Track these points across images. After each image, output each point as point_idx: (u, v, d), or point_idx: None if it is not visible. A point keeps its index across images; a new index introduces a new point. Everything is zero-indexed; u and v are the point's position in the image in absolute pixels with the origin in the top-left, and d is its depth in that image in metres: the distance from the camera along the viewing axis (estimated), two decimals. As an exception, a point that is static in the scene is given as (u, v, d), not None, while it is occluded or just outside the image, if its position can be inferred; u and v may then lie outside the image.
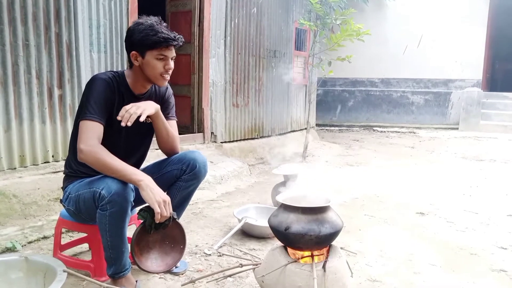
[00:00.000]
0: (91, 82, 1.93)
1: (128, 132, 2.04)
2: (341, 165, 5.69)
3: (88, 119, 1.85)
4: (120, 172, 1.79)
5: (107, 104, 1.93)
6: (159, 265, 2.06)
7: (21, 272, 1.78)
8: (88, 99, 1.88)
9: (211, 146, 5.17)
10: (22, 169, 3.14)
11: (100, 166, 1.81)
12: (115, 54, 3.82)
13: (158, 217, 1.81)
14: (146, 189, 1.79)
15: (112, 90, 1.96)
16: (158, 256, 2.07)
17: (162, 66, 1.97)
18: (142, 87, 2.07)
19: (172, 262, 2.10)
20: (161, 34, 1.91)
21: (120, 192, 1.77)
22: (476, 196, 4.09)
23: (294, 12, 6.91)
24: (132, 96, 2.04)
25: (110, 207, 1.77)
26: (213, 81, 5.16)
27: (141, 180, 1.80)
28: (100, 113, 1.89)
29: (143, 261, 2.00)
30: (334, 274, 1.74)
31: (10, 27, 2.99)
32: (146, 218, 1.91)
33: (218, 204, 3.68)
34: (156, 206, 1.79)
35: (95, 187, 1.81)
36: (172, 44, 1.95)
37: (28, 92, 3.15)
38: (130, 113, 1.85)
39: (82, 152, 1.81)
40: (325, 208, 1.81)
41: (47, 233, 2.70)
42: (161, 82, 2.02)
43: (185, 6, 5.14)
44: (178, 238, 2.10)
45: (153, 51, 1.93)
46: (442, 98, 10.28)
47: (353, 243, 2.76)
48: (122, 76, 2.03)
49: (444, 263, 2.48)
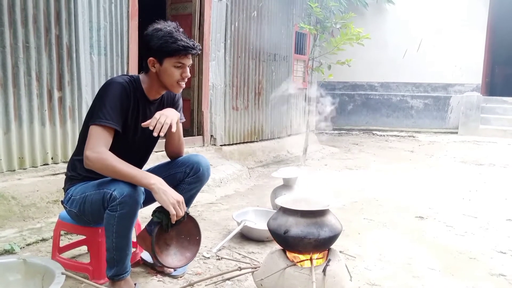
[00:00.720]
0: (108, 85, 1.92)
1: (140, 137, 2.06)
2: (340, 168, 5.69)
3: (100, 125, 1.84)
4: (131, 176, 1.80)
5: (123, 108, 1.93)
6: (179, 259, 2.09)
7: (19, 274, 1.78)
8: (103, 102, 1.87)
9: (211, 149, 5.17)
10: (21, 171, 3.14)
11: (110, 171, 1.81)
12: (115, 56, 3.82)
13: (174, 219, 1.84)
14: (159, 192, 1.80)
15: (128, 94, 1.95)
16: (177, 251, 2.10)
17: (180, 74, 1.96)
18: (156, 93, 2.07)
19: (191, 255, 2.12)
20: (180, 42, 1.90)
21: (131, 194, 1.78)
22: (475, 200, 4.09)
23: (294, 16, 6.93)
24: (147, 102, 2.05)
25: (120, 209, 1.77)
26: (213, 84, 5.17)
27: (153, 183, 1.81)
28: (116, 118, 1.88)
29: (164, 258, 2.03)
30: (333, 277, 1.74)
31: (10, 29, 3.00)
32: (161, 219, 1.93)
33: (217, 207, 3.68)
34: (171, 208, 1.81)
35: (105, 189, 1.82)
36: (191, 53, 1.95)
37: (28, 94, 3.15)
38: (161, 123, 1.86)
39: (88, 159, 1.81)
40: (324, 211, 1.81)
41: (46, 235, 2.69)
42: (177, 89, 2.02)
43: (185, 9, 5.16)
44: (193, 231, 2.12)
45: (171, 58, 1.93)
46: (442, 103, 10.30)
47: (352, 246, 2.76)
48: (137, 81, 2.02)
49: (443, 267, 2.48)
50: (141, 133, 2.04)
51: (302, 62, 7.41)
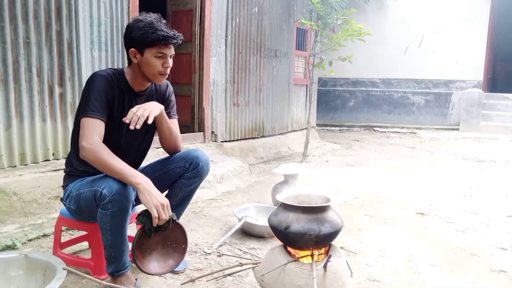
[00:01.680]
0: (91, 79, 1.93)
1: (128, 130, 2.04)
2: (341, 165, 5.69)
3: (89, 116, 1.84)
4: (119, 173, 1.78)
5: (108, 100, 1.92)
6: (161, 266, 2.03)
7: (21, 269, 1.78)
8: (88, 96, 1.88)
9: (212, 145, 5.17)
10: (22, 167, 3.14)
11: (100, 165, 1.80)
12: (116, 52, 3.82)
13: (156, 221, 1.79)
14: (144, 192, 1.77)
15: (112, 86, 1.95)
16: (161, 257, 2.03)
17: (161, 64, 1.95)
18: (141, 84, 2.06)
19: (175, 263, 2.07)
20: (160, 32, 1.89)
21: (121, 191, 1.76)
22: (476, 196, 4.09)
23: (296, 12, 6.91)
24: (132, 93, 2.04)
25: (111, 207, 1.76)
26: (214, 80, 5.16)
27: (139, 183, 1.77)
28: (101, 109, 1.88)
29: (145, 264, 1.97)
30: (334, 273, 1.74)
31: (11, 25, 2.99)
32: (145, 222, 1.87)
33: (218, 203, 3.68)
34: (154, 210, 1.76)
35: (96, 186, 1.81)
36: (171, 42, 1.93)
37: (28, 90, 3.15)
38: (138, 116, 1.84)
39: (84, 150, 1.80)
40: (325, 207, 1.81)
41: (47, 231, 2.70)
42: (158, 80, 2.00)
43: (186, 5, 5.14)
44: (180, 239, 2.07)
45: (152, 48, 1.92)
46: (443, 99, 10.28)
47: (353, 243, 2.76)
48: (121, 73, 2.02)
49: (444, 264, 2.48)
50: (127, 127, 1.99)
51: (303, 58, 7.40)
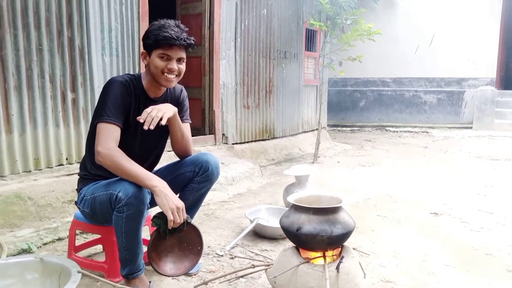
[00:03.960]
0: (108, 84, 1.94)
1: (143, 135, 2.06)
2: (353, 165, 5.66)
3: (106, 122, 1.87)
4: (136, 177, 1.80)
5: (124, 106, 1.94)
6: (177, 268, 2.05)
7: (37, 273, 1.80)
8: (105, 101, 1.90)
9: (223, 147, 5.19)
10: (37, 172, 3.19)
11: (117, 169, 1.82)
12: (127, 57, 3.86)
13: (171, 224, 1.81)
14: (160, 195, 1.78)
15: (129, 93, 1.97)
16: (177, 259, 2.06)
17: (165, 66, 1.95)
18: (156, 88, 2.06)
19: (190, 265, 2.09)
20: (165, 33, 1.89)
21: (136, 194, 1.78)
22: (491, 195, 4.03)
23: (304, 13, 6.90)
24: (148, 99, 2.05)
25: (126, 210, 1.78)
26: (224, 83, 5.18)
27: (156, 186, 1.79)
28: (117, 115, 1.90)
29: (161, 265, 1.99)
30: (347, 274, 1.74)
31: (24, 32, 3.04)
32: (160, 225, 1.90)
33: (230, 205, 3.69)
34: (170, 213, 1.78)
35: (111, 190, 1.83)
36: (174, 43, 1.92)
37: (42, 96, 3.19)
38: (152, 116, 1.85)
39: (100, 155, 1.82)
40: (337, 208, 1.80)
41: (62, 235, 2.73)
42: (163, 82, 1.99)
43: (195, 9, 5.17)
44: (195, 240, 2.09)
45: (157, 50, 1.93)
46: (455, 97, 10.16)
47: (366, 243, 2.75)
48: (138, 79, 2.04)
49: (458, 264, 2.45)
50: (142, 132, 2.03)
51: (313, 59, 7.38)
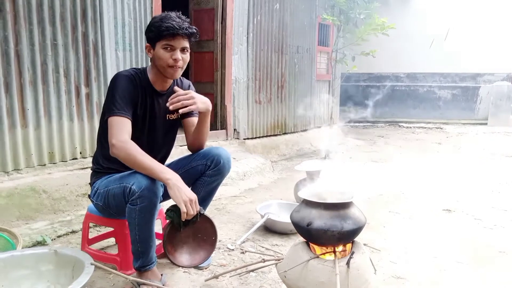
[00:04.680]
0: (115, 79, 1.96)
1: (150, 128, 2.08)
2: (365, 161, 5.62)
3: (117, 115, 1.88)
4: (149, 169, 1.81)
5: (132, 99, 1.96)
6: (193, 258, 2.10)
7: (51, 264, 1.84)
8: (113, 95, 1.91)
9: (234, 142, 5.20)
10: (51, 166, 3.24)
11: (131, 161, 1.83)
12: (140, 52, 3.88)
13: (184, 216, 1.83)
14: (173, 188, 1.80)
15: (135, 86, 1.98)
16: (192, 250, 2.11)
17: (170, 57, 1.94)
18: (163, 81, 2.07)
19: (206, 255, 2.14)
20: (166, 24, 1.89)
21: (150, 187, 1.80)
22: (505, 193, 3.98)
23: (317, 7, 6.85)
24: (155, 92, 2.06)
25: (140, 202, 1.80)
26: (236, 78, 5.18)
27: (169, 178, 1.80)
28: (127, 108, 1.92)
29: (177, 257, 2.04)
30: (357, 270, 1.73)
31: (39, 28, 3.08)
32: (173, 217, 1.93)
33: (241, 200, 3.70)
34: (183, 205, 1.80)
35: (125, 183, 1.84)
36: (176, 33, 1.91)
37: (56, 91, 3.24)
38: (181, 101, 1.90)
39: (114, 147, 1.84)
40: (348, 204, 1.80)
41: (76, 228, 2.77)
42: (169, 74, 1.99)
43: (208, 4, 5.18)
44: (209, 231, 2.13)
45: (160, 41, 1.93)
46: (470, 93, 10.02)
47: (377, 239, 2.73)
48: (144, 72, 2.05)
49: (471, 261, 2.43)
50: (149, 126, 2.04)
51: (326, 54, 7.33)
